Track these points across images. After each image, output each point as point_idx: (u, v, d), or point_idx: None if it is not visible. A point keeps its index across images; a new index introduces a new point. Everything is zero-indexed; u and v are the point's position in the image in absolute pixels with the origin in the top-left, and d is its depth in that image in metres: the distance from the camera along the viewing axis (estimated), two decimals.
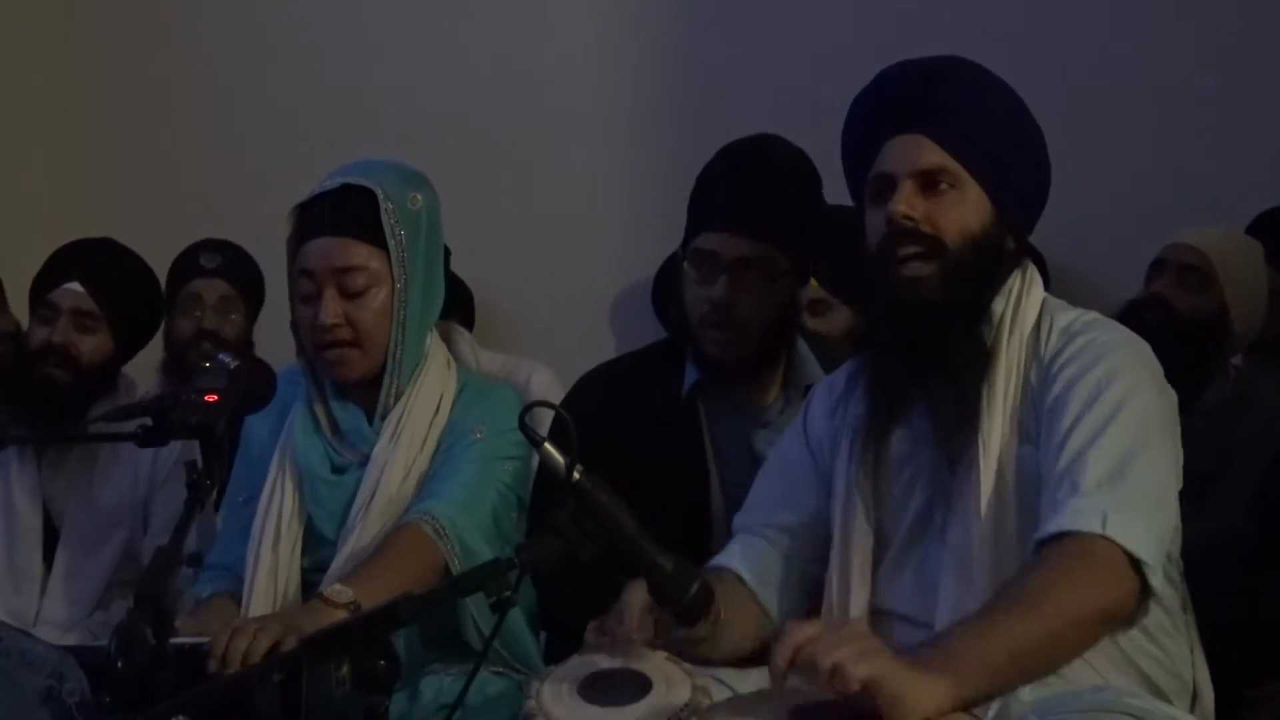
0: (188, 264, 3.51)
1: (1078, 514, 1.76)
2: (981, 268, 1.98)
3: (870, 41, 3.68)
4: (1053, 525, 1.77)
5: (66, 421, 2.95)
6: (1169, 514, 1.84)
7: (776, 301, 2.57)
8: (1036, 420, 1.93)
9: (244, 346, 3.50)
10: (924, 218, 1.97)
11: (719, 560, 2.17)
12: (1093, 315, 2.03)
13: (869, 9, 3.80)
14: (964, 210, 1.98)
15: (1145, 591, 1.76)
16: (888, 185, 2.01)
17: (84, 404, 2.98)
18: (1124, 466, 1.80)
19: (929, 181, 1.99)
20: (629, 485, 1.73)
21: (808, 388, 2.59)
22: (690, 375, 2.64)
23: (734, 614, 2.00)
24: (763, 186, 2.57)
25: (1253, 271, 3.12)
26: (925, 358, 1.98)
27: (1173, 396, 1.96)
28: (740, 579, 2.12)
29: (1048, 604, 1.68)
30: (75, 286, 3.00)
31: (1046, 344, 1.97)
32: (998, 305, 2.01)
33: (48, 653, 1.99)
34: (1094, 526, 1.74)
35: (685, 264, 2.61)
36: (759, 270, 2.54)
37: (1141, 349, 1.97)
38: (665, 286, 3.55)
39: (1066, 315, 2.01)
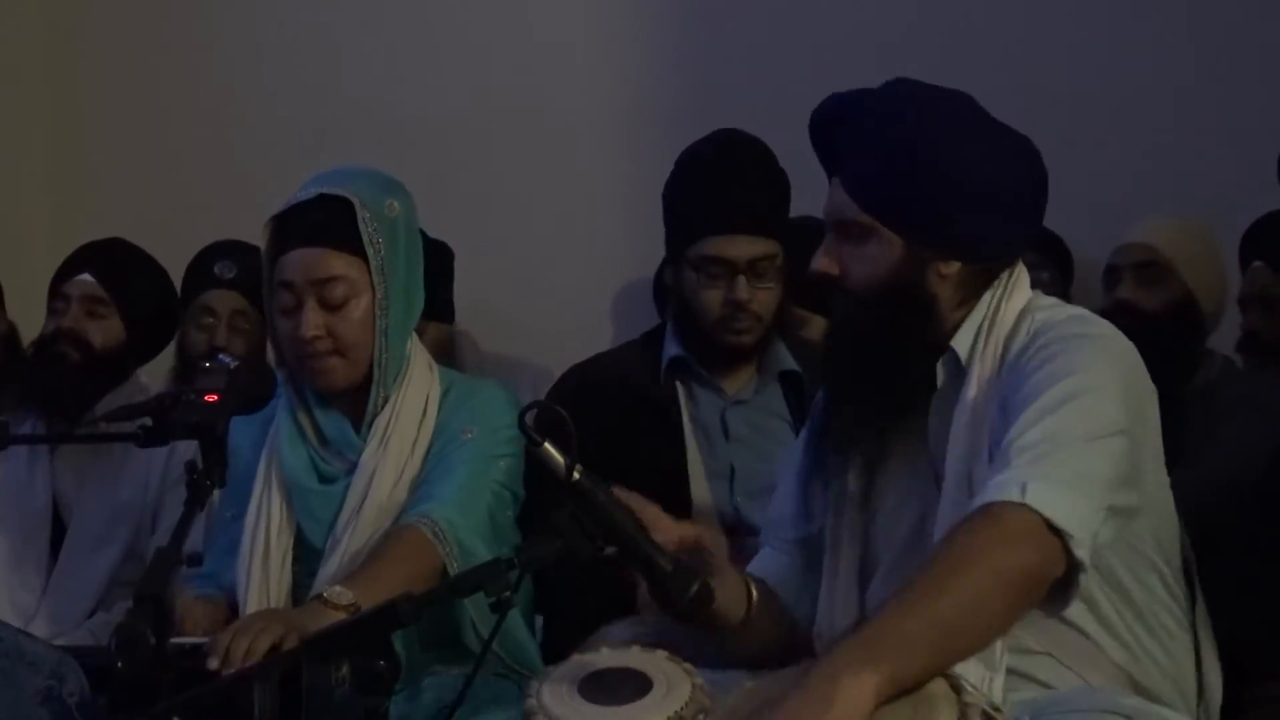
0: (202, 272, 3.44)
1: (999, 487, 1.71)
2: (895, 312, 1.96)
3: (869, 40, 3.69)
4: (977, 502, 1.73)
5: (75, 407, 2.97)
6: (1106, 490, 1.76)
7: (780, 292, 2.77)
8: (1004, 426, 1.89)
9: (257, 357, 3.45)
10: (843, 271, 1.99)
11: (748, 571, 2.16)
12: (1073, 311, 1.99)
13: (868, 7, 3.80)
14: (872, 258, 1.96)
15: (1074, 566, 1.70)
16: None
17: (94, 392, 2.99)
18: (1057, 446, 1.75)
19: (844, 231, 1.99)
20: (608, 457, 1.77)
21: (781, 373, 2.80)
22: (670, 350, 2.81)
23: (764, 617, 2.01)
24: (752, 184, 2.74)
25: (1203, 249, 3.11)
26: (860, 398, 2.00)
27: (1144, 393, 1.91)
28: (770, 589, 2.11)
29: (963, 572, 1.63)
30: (85, 277, 3.05)
31: (1019, 344, 1.93)
32: (975, 317, 1.98)
33: (48, 653, 1.99)
34: (1012, 495, 1.69)
35: (689, 270, 2.75)
36: (770, 265, 2.73)
37: (1116, 344, 1.92)
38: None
39: (1045, 313, 1.96)
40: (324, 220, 2.38)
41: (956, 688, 1.58)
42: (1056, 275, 3.36)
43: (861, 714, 1.52)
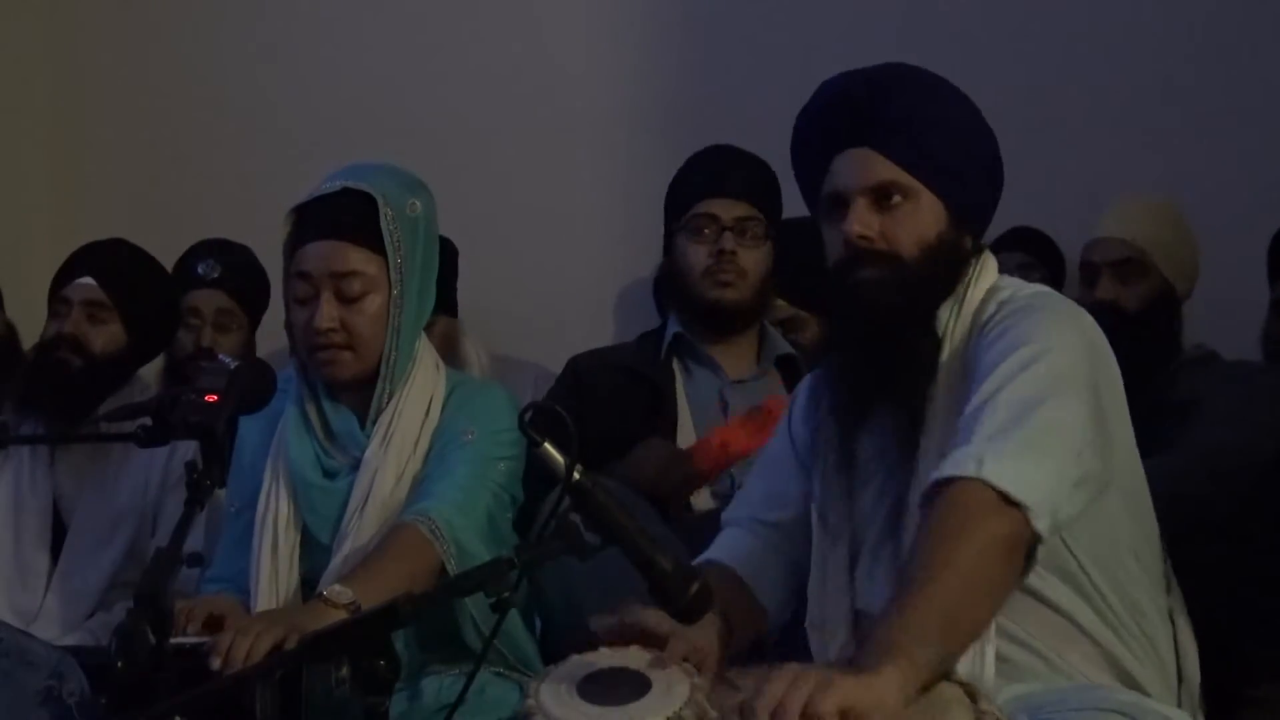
0: (185, 273, 3.47)
1: (956, 462, 1.74)
2: (940, 275, 1.99)
3: (867, 49, 3.62)
4: (933, 477, 1.75)
5: (76, 412, 2.96)
6: (1070, 459, 1.78)
7: (764, 260, 3.02)
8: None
9: (245, 356, 3.47)
10: (879, 235, 1.98)
11: (709, 555, 2.17)
12: (1038, 288, 2.03)
13: (864, 17, 3.80)
14: (919, 221, 1.98)
15: (1034, 536, 1.72)
16: (841, 203, 2.02)
17: (95, 396, 2.99)
18: (1022, 415, 1.77)
19: (882, 196, 1.99)
20: (605, 432, 1.77)
21: (779, 358, 3.04)
22: (670, 329, 3.03)
23: (738, 613, 2.02)
24: (749, 163, 3.08)
25: (1177, 234, 3.08)
26: (886, 364, 1.99)
27: (1106, 361, 1.93)
28: (734, 573, 2.12)
29: (947, 555, 1.66)
30: (86, 280, 3.04)
31: (985, 317, 1.96)
32: (950, 297, 2.01)
33: (48, 653, 1.99)
34: (968, 470, 1.72)
35: (680, 233, 3.03)
36: (754, 228, 3.01)
37: (1076, 316, 1.95)
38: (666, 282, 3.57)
39: (1009, 289, 2.00)
40: (346, 214, 2.40)
41: (973, 695, 1.58)
42: (1048, 276, 3.36)
43: (892, 699, 1.52)
